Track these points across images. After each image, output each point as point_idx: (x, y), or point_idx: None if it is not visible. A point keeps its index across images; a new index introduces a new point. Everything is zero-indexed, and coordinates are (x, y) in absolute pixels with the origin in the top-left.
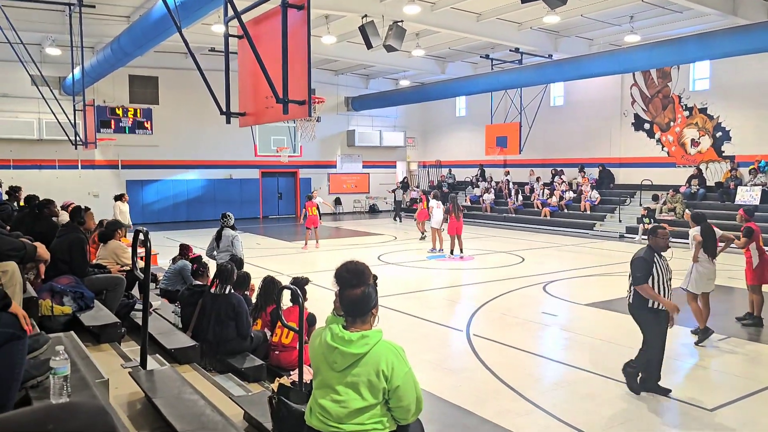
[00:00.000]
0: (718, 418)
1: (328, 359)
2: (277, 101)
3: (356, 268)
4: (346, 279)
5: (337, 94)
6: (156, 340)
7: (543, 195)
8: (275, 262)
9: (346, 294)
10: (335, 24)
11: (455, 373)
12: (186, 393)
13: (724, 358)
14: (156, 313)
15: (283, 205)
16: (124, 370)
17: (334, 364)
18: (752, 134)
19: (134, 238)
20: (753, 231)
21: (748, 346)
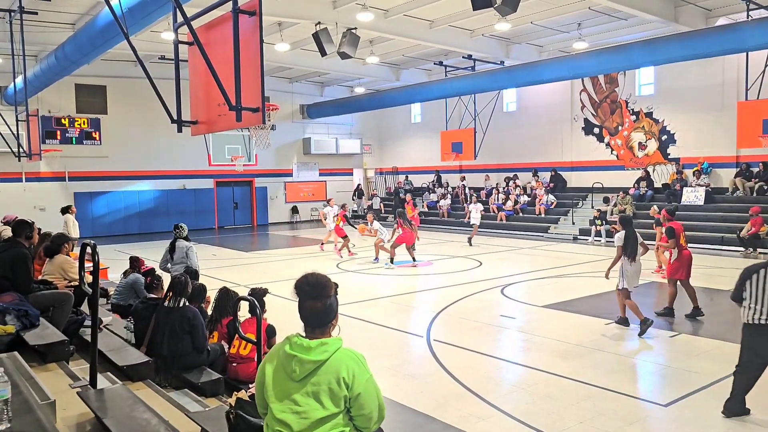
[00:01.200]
0: (672, 413)
1: (286, 369)
2: (230, 109)
3: (317, 280)
4: (307, 291)
5: (292, 102)
6: (107, 357)
7: (498, 199)
8: (232, 273)
9: (307, 305)
10: (288, 31)
11: (416, 378)
12: (139, 411)
13: (675, 354)
14: (107, 329)
15: (239, 214)
16: (73, 390)
17: (293, 373)
18: (695, 137)
19: (81, 252)
20: (674, 230)
21: (698, 341)
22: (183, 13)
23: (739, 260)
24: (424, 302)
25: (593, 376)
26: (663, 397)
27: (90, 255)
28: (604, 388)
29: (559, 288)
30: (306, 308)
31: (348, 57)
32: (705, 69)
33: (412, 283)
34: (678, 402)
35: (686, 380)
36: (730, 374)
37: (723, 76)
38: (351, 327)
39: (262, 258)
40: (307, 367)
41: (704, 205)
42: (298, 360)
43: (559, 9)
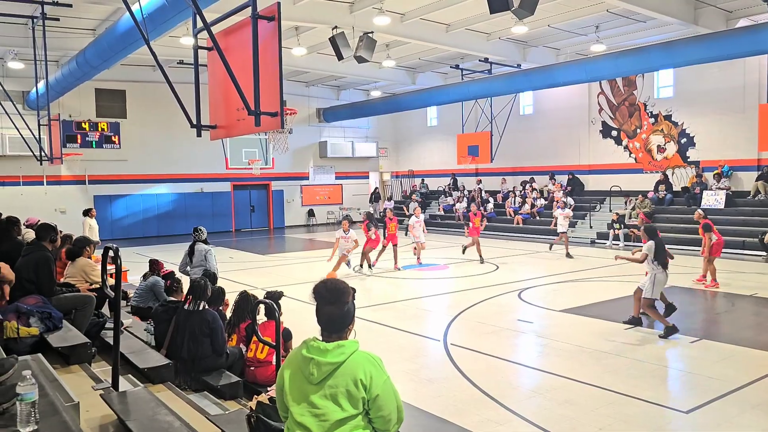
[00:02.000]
0: (693, 420)
1: (304, 372)
2: (249, 113)
3: (335, 286)
4: (325, 297)
5: (309, 106)
6: (128, 359)
7: (515, 203)
8: (250, 276)
9: (325, 311)
10: (305, 35)
11: (433, 382)
12: (161, 414)
13: (696, 359)
14: (128, 331)
15: (255, 217)
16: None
17: (311, 376)
18: (715, 140)
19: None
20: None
21: (719, 347)
22: (203, 19)
23: (760, 264)
24: (440, 306)
25: (613, 381)
26: (685, 404)
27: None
28: (624, 394)
29: (577, 292)
30: (324, 313)
31: (364, 61)
32: (725, 71)
33: (429, 287)
34: (700, 409)
35: (708, 387)
36: (752, 381)
37: (744, 78)
38: (368, 330)
39: (279, 261)
40: (324, 370)
41: (725, 209)
42: (316, 362)
43: (577, 11)
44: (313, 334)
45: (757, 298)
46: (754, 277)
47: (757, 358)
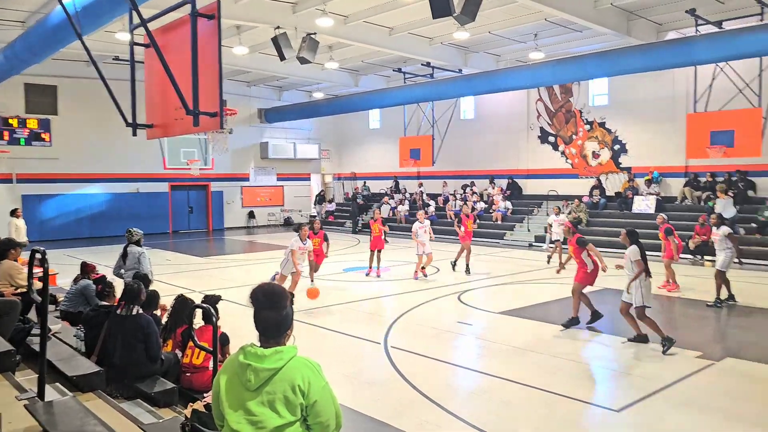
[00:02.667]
0: (624, 418)
1: (241, 378)
2: (187, 113)
3: (272, 290)
4: (262, 301)
5: (250, 106)
6: (56, 367)
7: (456, 206)
8: (187, 279)
9: (262, 315)
10: (247, 35)
11: (373, 386)
12: (89, 424)
13: (628, 359)
14: (56, 337)
15: (194, 219)
16: (19, 402)
17: (248, 382)
18: (646, 147)
19: (30, 258)
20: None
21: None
22: (139, 15)
23: (688, 267)
24: (381, 309)
25: (548, 381)
26: (616, 403)
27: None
28: (559, 394)
29: (515, 294)
30: (261, 318)
31: (307, 62)
32: (656, 81)
33: (370, 290)
34: (630, 407)
35: (638, 386)
36: (679, 379)
37: (673, 89)
38: (306, 333)
39: (218, 263)
40: (261, 376)
41: (654, 213)
42: (253, 369)
43: (517, 19)
44: (252, 338)
45: (684, 299)
46: (681, 279)
47: (685, 357)
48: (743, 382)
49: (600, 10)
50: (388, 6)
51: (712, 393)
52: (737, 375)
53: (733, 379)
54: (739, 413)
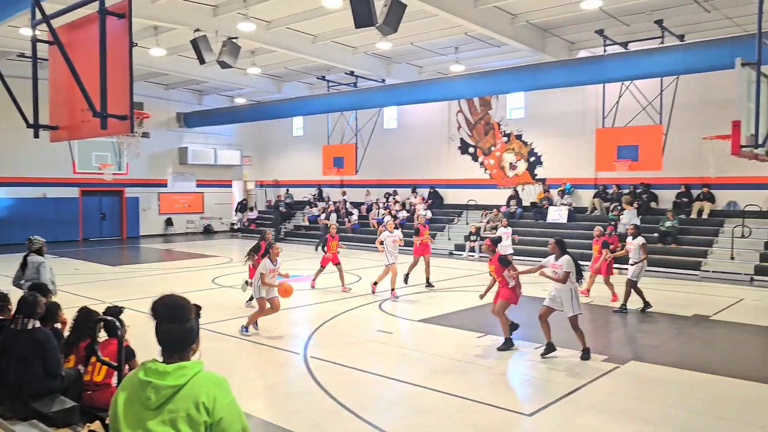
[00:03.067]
0: (535, 422)
1: (140, 397)
2: (95, 115)
3: (174, 302)
4: (163, 314)
5: (168, 110)
6: None
7: (378, 215)
8: (96, 289)
9: (164, 328)
10: (165, 36)
11: (292, 397)
12: None
13: (539, 365)
14: None
15: (106, 226)
16: None
17: (148, 401)
18: (559, 159)
19: None
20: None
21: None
22: (41, 10)
23: None
24: (302, 318)
25: (465, 388)
26: (528, 408)
27: None
28: (474, 401)
29: (434, 302)
30: (163, 331)
31: (228, 66)
32: (568, 97)
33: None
34: (541, 411)
35: (549, 390)
36: (586, 382)
37: (584, 105)
38: (224, 345)
39: (132, 273)
40: (163, 394)
41: (567, 223)
42: (154, 386)
43: (438, 32)
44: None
45: (592, 305)
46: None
47: (591, 362)
48: (646, 383)
49: (517, 27)
50: (311, 14)
51: (617, 395)
52: (640, 377)
53: (637, 382)
54: (641, 414)
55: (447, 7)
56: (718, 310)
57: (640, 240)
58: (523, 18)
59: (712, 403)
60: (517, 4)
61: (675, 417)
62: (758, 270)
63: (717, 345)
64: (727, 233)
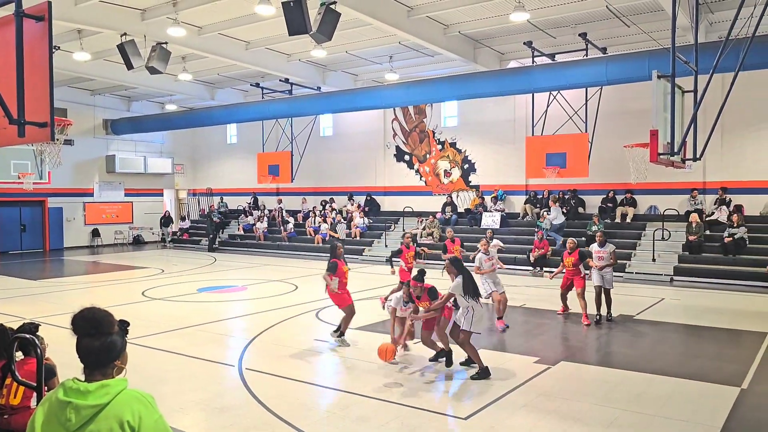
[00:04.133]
0: (471, 425)
1: (60, 418)
2: (11, 122)
3: (94, 315)
4: (83, 327)
5: (94, 116)
6: None
7: (315, 222)
8: (16, 305)
9: (84, 344)
10: (90, 40)
11: (226, 411)
12: None
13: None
14: None
15: (27, 238)
16: None
17: (68, 422)
18: (492, 167)
19: None
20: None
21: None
22: None
23: (528, 278)
24: (236, 329)
25: (401, 395)
26: (464, 411)
27: None
28: (410, 406)
29: (372, 309)
30: (82, 347)
31: (158, 72)
32: (500, 106)
33: (224, 310)
34: (476, 414)
35: (484, 393)
36: (520, 384)
37: (514, 113)
38: (154, 359)
39: (55, 287)
40: (84, 414)
41: (500, 229)
42: (74, 406)
43: (372, 41)
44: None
45: (525, 308)
46: (522, 290)
47: (524, 363)
48: (574, 383)
49: (449, 37)
50: (244, 20)
51: (547, 395)
52: (569, 377)
53: (566, 381)
54: (570, 413)
55: (380, 17)
56: (641, 310)
57: (611, 247)
58: (456, 29)
59: (636, 398)
60: (450, 15)
61: (602, 414)
62: (677, 271)
63: (640, 343)
64: (649, 236)
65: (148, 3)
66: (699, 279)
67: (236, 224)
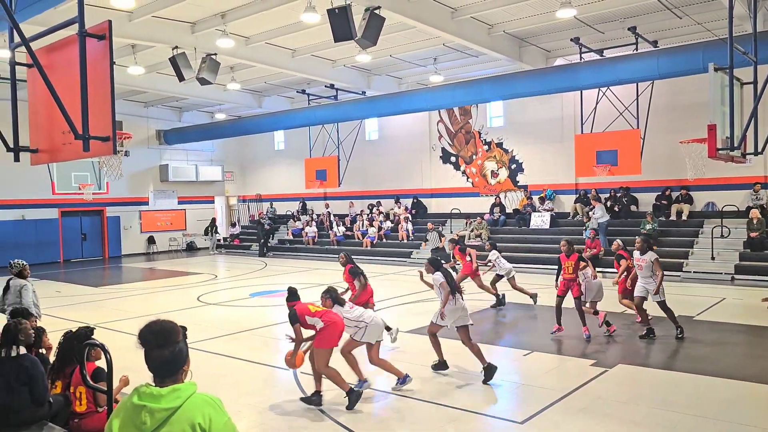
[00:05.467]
0: (527, 429)
1: (135, 422)
2: (76, 138)
3: (161, 327)
4: (151, 341)
5: (148, 127)
6: None
7: (363, 226)
8: (80, 311)
9: (154, 355)
10: (143, 54)
11: (282, 416)
12: None
13: (528, 371)
14: None
15: (87, 246)
16: None
17: (143, 425)
18: (539, 166)
19: None
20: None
21: (548, 358)
22: (20, 33)
23: None
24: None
25: (456, 398)
26: (519, 415)
27: None
28: (466, 410)
29: (421, 312)
30: (154, 358)
31: (207, 83)
32: (546, 104)
33: (277, 314)
34: (532, 418)
35: (539, 396)
36: (576, 387)
37: (562, 111)
38: (210, 364)
39: (115, 293)
40: (158, 417)
41: (549, 229)
42: (148, 410)
43: (416, 44)
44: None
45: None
46: None
47: (580, 366)
48: (632, 386)
49: (494, 36)
50: (289, 28)
51: (605, 398)
52: (627, 380)
53: (624, 384)
54: (630, 416)
55: (425, 20)
56: (701, 311)
57: (652, 255)
58: (500, 28)
59: (697, 402)
60: (494, 15)
61: (662, 418)
62: (738, 269)
63: (700, 345)
64: (707, 234)
65: (197, 16)
66: (763, 277)
67: (285, 229)
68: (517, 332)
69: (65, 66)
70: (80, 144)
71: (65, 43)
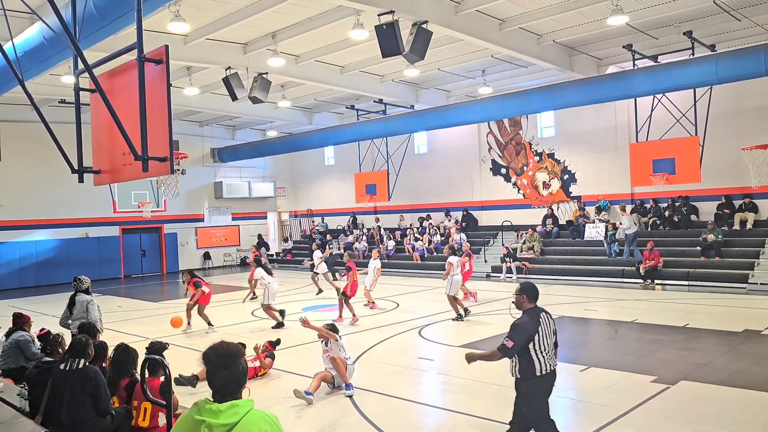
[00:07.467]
0: None
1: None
2: (136, 159)
3: (226, 350)
4: (216, 363)
5: (203, 146)
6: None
7: (413, 240)
8: (140, 326)
9: (217, 376)
10: (198, 75)
11: (335, 428)
12: None
13: (585, 388)
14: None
15: (147, 262)
16: None
17: None
18: (593, 176)
19: None
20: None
21: (606, 374)
22: (84, 61)
23: (638, 291)
24: None
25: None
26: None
27: None
28: None
29: (474, 327)
30: (218, 378)
31: (259, 101)
32: (599, 113)
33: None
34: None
35: (598, 414)
36: (636, 405)
37: (615, 120)
38: (264, 378)
39: (173, 308)
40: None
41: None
42: (208, 425)
43: (464, 56)
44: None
45: (637, 323)
46: (633, 304)
47: (639, 383)
48: (697, 404)
49: (543, 46)
50: (338, 45)
51: (668, 417)
52: (691, 397)
53: (688, 402)
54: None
55: (472, 32)
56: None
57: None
58: (549, 37)
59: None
60: (543, 25)
61: None
62: None
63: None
64: None
65: (249, 37)
66: None
67: (336, 244)
68: (572, 347)
69: (125, 90)
70: (140, 165)
71: (125, 68)
